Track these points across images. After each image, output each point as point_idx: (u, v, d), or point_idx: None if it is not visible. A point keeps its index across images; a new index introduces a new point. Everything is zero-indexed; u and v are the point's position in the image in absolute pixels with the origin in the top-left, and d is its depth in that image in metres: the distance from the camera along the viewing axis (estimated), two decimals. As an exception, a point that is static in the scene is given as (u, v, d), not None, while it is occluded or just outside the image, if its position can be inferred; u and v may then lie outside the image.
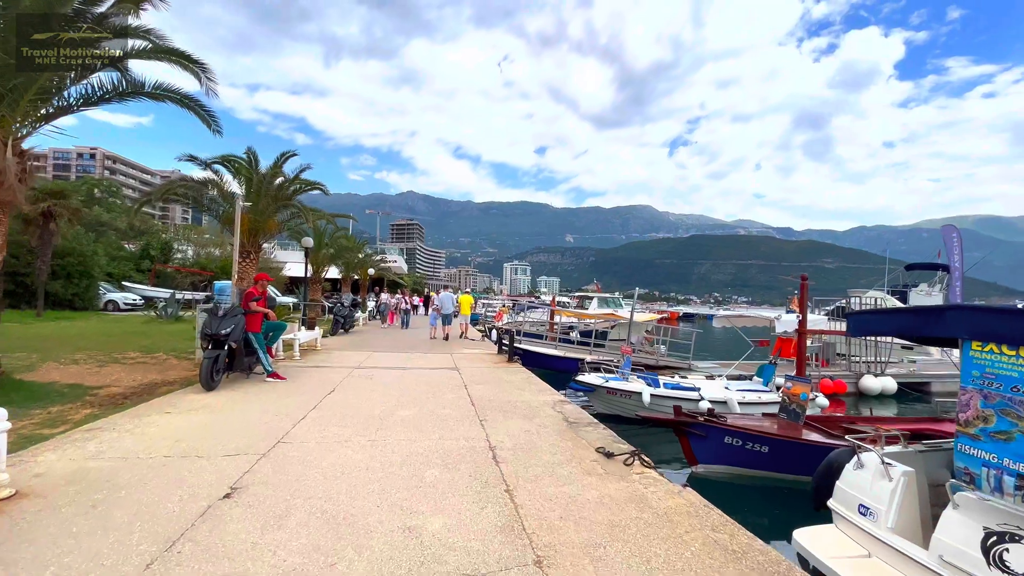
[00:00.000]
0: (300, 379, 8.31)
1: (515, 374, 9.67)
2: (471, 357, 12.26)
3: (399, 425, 5.53)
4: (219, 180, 14.06)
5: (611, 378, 9.48)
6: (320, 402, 6.56)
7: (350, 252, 30.25)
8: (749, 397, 9.12)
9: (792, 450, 6.06)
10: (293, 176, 14.74)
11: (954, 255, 19.00)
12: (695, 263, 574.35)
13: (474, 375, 9.39)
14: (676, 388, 9.20)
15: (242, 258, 14.59)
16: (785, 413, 6.97)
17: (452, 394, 7.42)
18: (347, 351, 12.69)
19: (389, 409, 6.29)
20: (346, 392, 7.31)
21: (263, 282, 8.19)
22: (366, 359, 11.19)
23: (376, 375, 9.00)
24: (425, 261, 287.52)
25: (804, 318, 7.54)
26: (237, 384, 7.57)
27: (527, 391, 7.92)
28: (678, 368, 13.21)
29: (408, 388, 7.80)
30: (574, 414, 6.35)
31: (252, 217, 14.35)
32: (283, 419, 5.61)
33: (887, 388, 12.47)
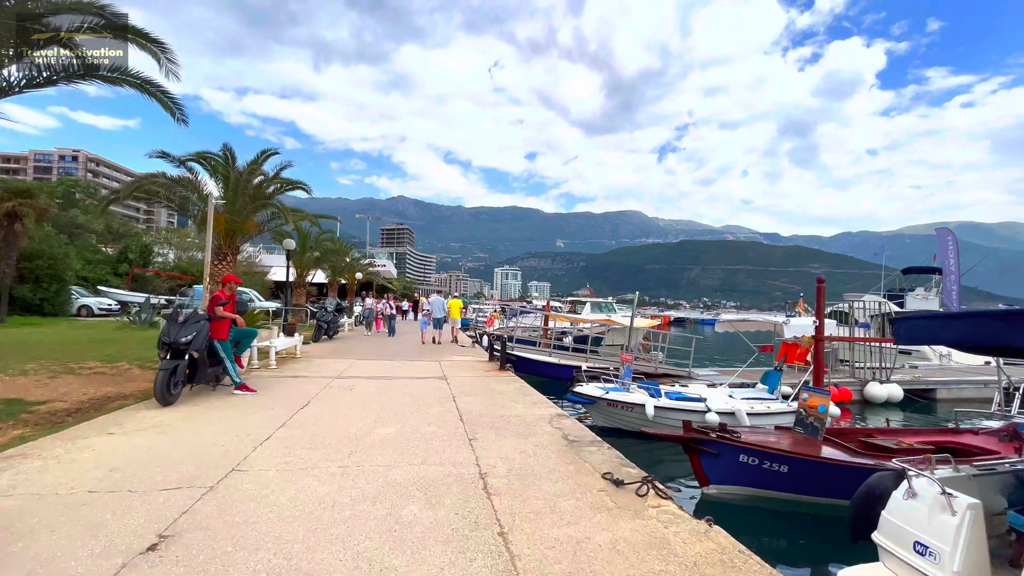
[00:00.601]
0: (272, 391, 7.58)
1: (508, 384, 9.02)
2: (461, 365, 11.59)
3: (377, 447, 4.85)
4: (194, 178, 13.30)
5: (611, 389, 8.87)
6: (290, 419, 5.86)
7: (336, 255, 29.46)
8: (758, 407, 8.56)
9: (814, 470, 5.49)
10: (273, 174, 14.02)
11: (949, 258, 18.77)
12: (684, 268, 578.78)
13: (463, 385, 8.72)
14: (681, 399, 8.61)
15: (218, 260, 13.82)
16: (802, 427, 6.41)
17: (439, 408, 6.75)
18: (329, 359, 11.95)
19: (367, 427, 5.61)
20: (321, 406, 6.61)
21: (231, 285, 7.46)
22: (348, 368, 10.47)
23: (357, 386, 8.29)
24: (415, 266, 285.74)
25: (821, 323, 7.01)
26: (200, 398, 6.83)
27: (521, 403, 7.28)
28: (677, 376, 12.65)
29: (391, 401, 7.12)
30: (574, 431, 5.72)
31: (229, 217, 13.58)
32: (244, 440, 4.90)
33: (893, 395, 12.03)
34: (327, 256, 26.22)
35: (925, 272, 21.11)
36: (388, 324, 18.22)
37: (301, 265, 23.05)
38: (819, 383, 7.14)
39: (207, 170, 13.68)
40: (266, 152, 13.78)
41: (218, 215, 13.65)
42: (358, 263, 35.87)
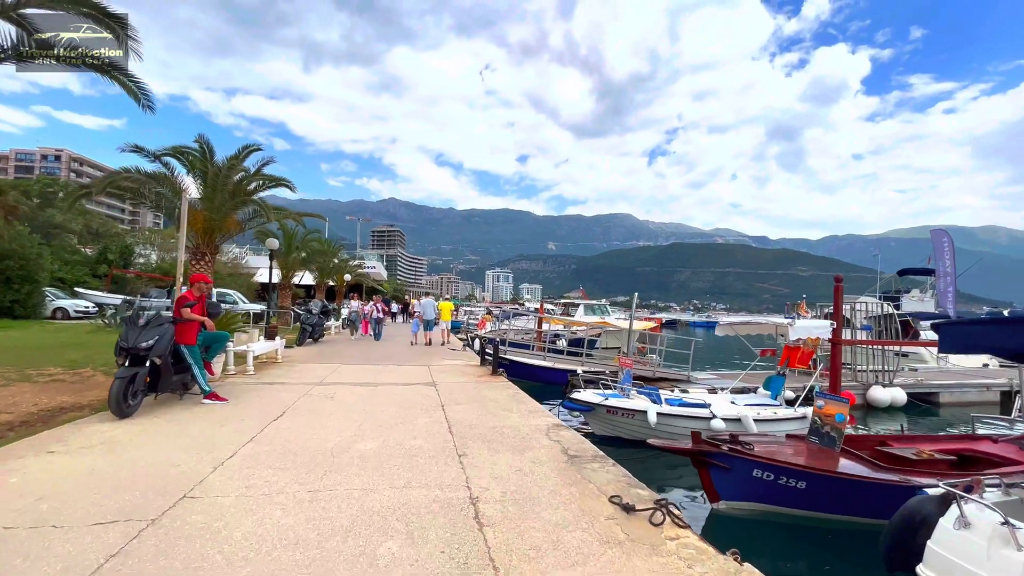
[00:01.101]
0: (246, 400, 7.00)
1: (500, 390, 8.51)
2: (451, 369, 11.05)
3: (354, 465, 4.31)
4: (170, 174, 12.64)
5: (610, 395, 8.40)
6: (260, 432, 5.29)
7: (323, 256, 28.74)
8: (765, 414, 8.14)
9: (835, 487, 5.05)
10: (255, 170, 13.38)
11: (945, 260, 18.61)
12: (675, 271, 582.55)
13: (453, 392, 8.20)
14: (684, 405, 8.17)
15: (195, 260, 13.16)
16: (817, 437, 5.98)
17: (426, 418, 6.22)
18: (312, 364, 11.35)
19: (346, 441, 5.06)
20: (297, 417, 6.04)
21: (200, 284, 6.86)
22: (331, 373, 9.89)
23: (339, 394, 7.73)
24: (407, 268, 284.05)
25: (839, 325, 6.61)
26: (163, 409, 6.23)
27: (515, 412, 6.77)
28: (676, 380, 12.22)
29: (375, 410, 6.57)
30: (574, 444, 5.22)
31: (207, 215, 12.93)
32: (203, 459, 4.34)
33: (896, 400, 11.71)
34: (314, 257, 25.48)
35: (921, 274, 20.97)
36: (374, 327, 17.35)
37: (286, 266, 22.34)
38: (836, 389, 6.73)
39: (184, 165, 13.03)
40: (247, 148, 13.16)
41: (196, 212, 13.01)
42: (347, 264, 35.14)
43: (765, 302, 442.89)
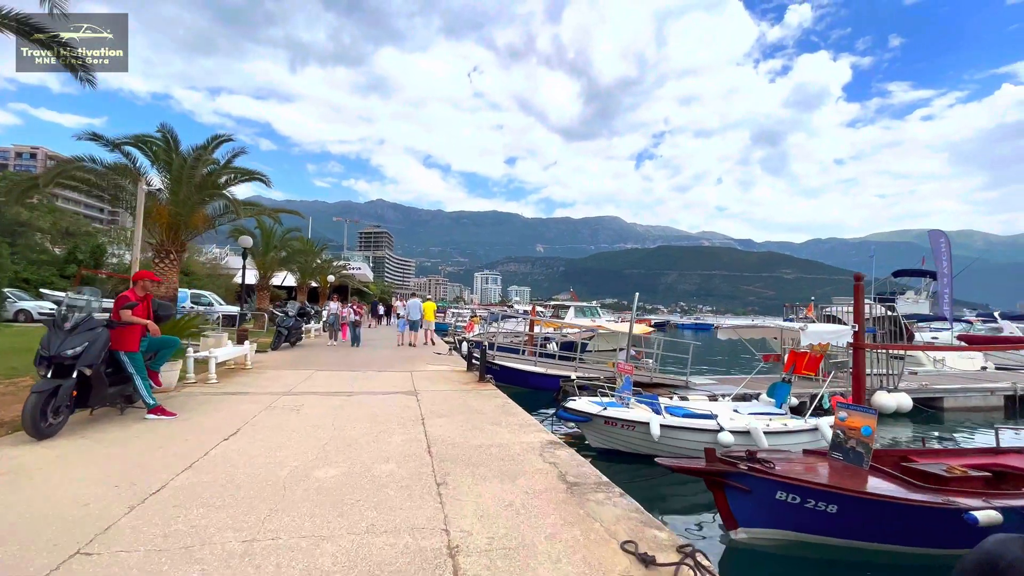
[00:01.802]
0: (198, 414, 6.16)
1: (488, 399, 7.77)
2: (435, 376, 10.28)
3: (309, 500, 3.55)
4: (131, 165, 11.69)
5: (608, 404, 7.70)
6: (204, 456, 4.49)
7: (305, 256, 27.72)
8: (774, 426, 7.52)
9: (871, 511, 4.41)
10: (224, 162, 12.48)
11: (943, 261, 18.34)
12: (662, 273, 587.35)
13: (436, 402, 7.43)
14: (689, 416, 7.51)
15: (159, 258, 12.23)
16: (840, 453, 5.36)
17: (402, 435, 5.45)
18: (284, 370, 10.49)
19: (305, 466, 4.29)
20: (253, 436, 5.24)
21: (145, 283, 6.00)
22: (303, 381, 9.05)
23: (307, 405, 6.92)
24: (394, 270, 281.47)
25: (861, 329, 6.00)
26: (96, 427, 5.38)
27: (504, 426, 6.04)
28: (673, 386, 11.59)
29: (345, 425, 5.79)
30: (573, 468, 4.51)
31: (172, 209, 12.02)
32: (122, 494, 3.54)
33: (903, 405, 11.21)
34: (294, 257, 24.44)
35: (916, 275, 20.76)
36: (353, 333, 15.95)
37: (264, 266, 21.33)
38: (860, 399, 6.12)
39: (148, 156, 12.08)
40: (217, 137, 12.26)
41: (160, 207, 12.09)
42: (330, 265, 34.09)
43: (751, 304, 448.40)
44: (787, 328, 9.87)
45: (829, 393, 9.09)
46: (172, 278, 12.22)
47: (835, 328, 8.90)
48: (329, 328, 16.16)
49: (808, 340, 7.93)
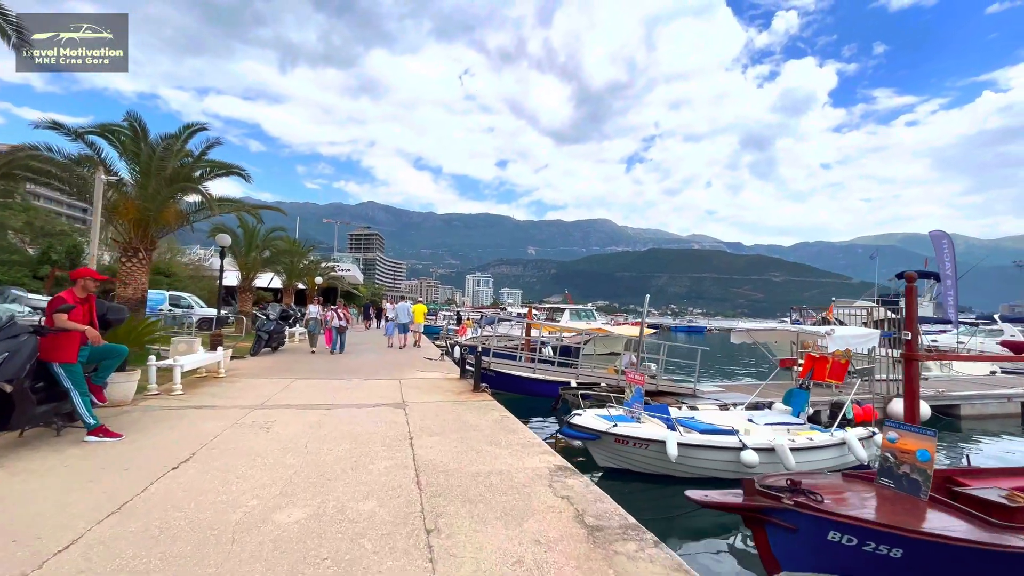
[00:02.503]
0: (150, 434, 5.32)
1: (484, 413, 7.00)
2: (426, 385, 9.49)
3: (262, 559, 2.76)
4: (96, 156, 10.78)
5: (618, 418, 6.95)
6: (141, 493, 3.67)
7: (291, 257, 26.73)
8: (800, 441, 6.84)
9: (947, 556, 3.72)
10: (198, 154, 11.59)
11: (946, 263, 17.94)
12: (653, 276, 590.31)
13: (427, 416, 6.65)
14: (708, 431, 6.79)
15: (127, 257, 11.30)
16: (891, 480, 4.67)
17: (387, 460, 4.67)
18: (261, 378, 9.63)
19: (264, 506, 3.49)
20: (208, 463, 4.42)
21: (86, 282, 5.15)
22: (280, 391, 8.22)
23: (280, 422, 6.10)
24: (385, 272, 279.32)
25: (915, 336, 5.33)
26: (19, 452, 4.53)
27: (505, 447, 5.28)
28: (680, 394, 10.91)
29: (320, 448, 4.99)
30: (591, 504, 3.76)
31: (141, 204, 11.11)
32: (15, 554, 2.72)
33: (921, 414, 10.59)
34: (279, 257, 23.44)
35: (922, 277, 20.39)
36: (336, 339, 14.27)
37: (246, 266, 20.34)
38: (914, 416, 5.45)
39: (115, 147, 11.16)
40: (190, 127, 11.37)
41: (128, 201, 11.17)
42: (318, 266, 33.07)
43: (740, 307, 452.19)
44: (806, 331, 9.22)
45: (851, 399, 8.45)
46: (141, 278, 11.30)
47: (864, 332, 8.30)
48: (309, 334, 14.83)
49: (835, 345, 7.29)
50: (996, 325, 23.48)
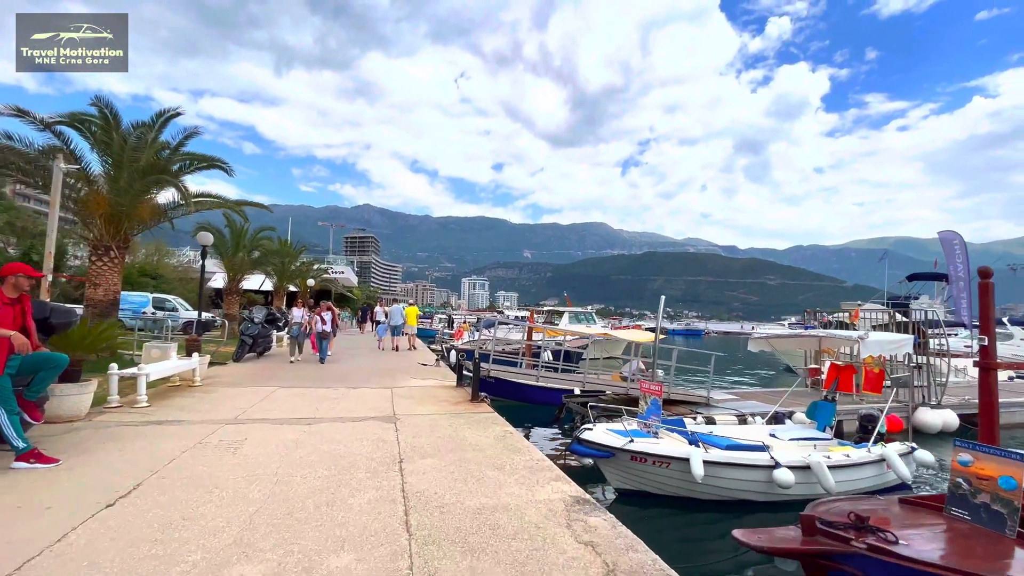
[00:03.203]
0: (93, 459, 4.54)
1: (485, 428, 6.26)
2: (419, 394, 8.72)
3: (188, 656, 2.01)
4: (66, 148, 10.00)
5: (635, 433, 6.20)
6: (58, 541, 2.91)
7: (281, 258, 25.89)
8: (836, 458, 6.13)
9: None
10: (175, 145, 10.83)
11: (957, 264, 17.32)
12: (648, 279, 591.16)
13: (420, 432, 5.90)
14: (735, 448, 6.07)
15: (97, 256, 10.51)
16: (967, 511, 3.98)
17: (371, 491, 3.92)
18: (240, 387, 8.85)
19: (208, 564, 2.73)
20: (153, 497, 3.66)
21: (17, 279, 4.37)
22: (259, 402, 7.44)
23: (252, 440, 5.33)
24: (381, 275, 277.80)
25: (992, 343, 4.65)
26: (-74, 484, 3.75)
27: (510, 472, 4.54)
28: (693, 403, 10.20)
29: (293, 474, 4.24)
30: (621, 552, 3.03)
31: (112, 198, 10.33)
32: None
33: (948, 423, 9.97)
34: (268, 258, 22.58)
35: (931, 278, 19.81)
36: (321, 346, 13.00)
37: (233, 267, 19.51)
38: (992, 436, 4.76)
39: (87, 138, 10.39)
40: (164, 113, 10.61)
41: (99, 196, 10.39)
42: (310, 268, 32.20)
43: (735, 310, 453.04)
44: (836, 337, 8.51)
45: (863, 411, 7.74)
46: (112, 279, 10.51)
47: (897, 337, 7.63)
48: (292, 341, 13.35)
49: (868, 351, 6.62)
50: (1006, 329, 22.99)
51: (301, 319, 13.18)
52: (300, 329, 13.13)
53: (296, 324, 13.13)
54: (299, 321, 13.13)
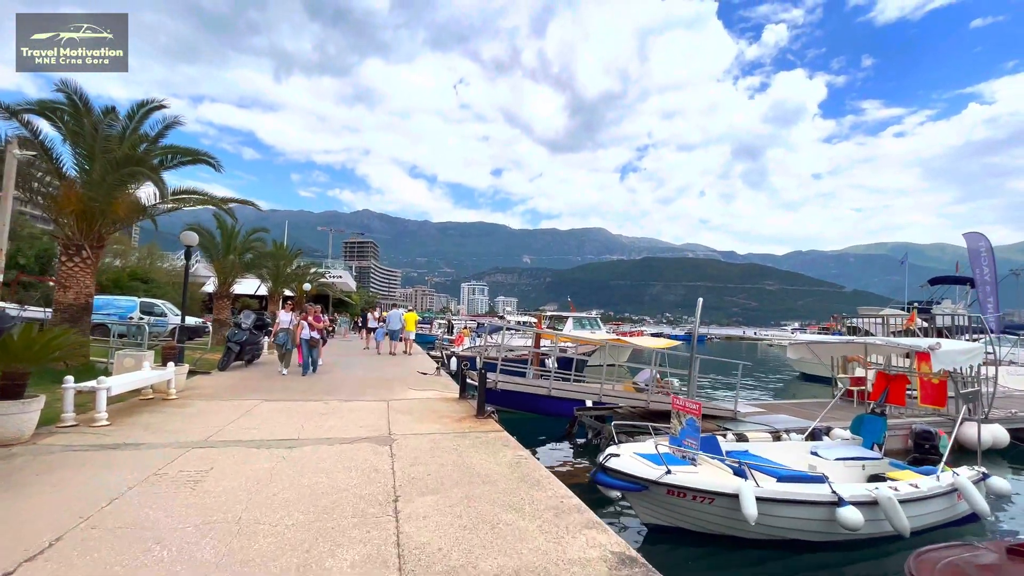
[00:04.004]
0: (16, 497, 3.68)
1: (494, 452, 5.39)
2: (419, 408, 7.85)
3: None
4: (34, 139, 9.18)
5: (671, 460, 5.28)
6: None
7: (276, 261, 25.01)
8: (904, 490, 5.26)
9: None
10: (155, 135, 10.02)
11: (984, 267, 16.58)
12: (647, 285, 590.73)
13: (419, 458, 5.03)
14: (790, 478, 5.19)
15: (67, 256, 9.65)
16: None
17: (357, 546, 3.06)
18: (220, 400, 7.98)
19: None
20: (70, 559, 2.79)
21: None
22: (238, 419, 6.58)
23: (217, 470, 4.46)
24: (380, 280, 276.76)
25: None
26: None
27: (531, 516, 3.67)
28: (719, 417, 9.33)
29: (259, 520, 3.38)
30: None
31: (85, 193, 9.50)
32: None
33: (998, 440, 9.09)
34: (261, 260, 21.70)
35: (954, 282, 19.05)
36: (307, 355, 11.14)
37: (223, 270, 18.65)
38: None
39: (59, 129, 9.57)
40: (145, 105, 9.79)
41: (70, 191, 9.55)
42: (306, 272, 31.33)
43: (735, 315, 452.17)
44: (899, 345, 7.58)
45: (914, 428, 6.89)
46: (85, 281, 9.65)
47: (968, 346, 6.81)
48: (279, 349, 11.39)
49: (941, 364, 5.79)
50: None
51: (289, 324, 11.32)
52: (288, 336, 11.26)
53: (283, 330, 11.28)
54: (286, 327, 11.29)
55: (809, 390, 21.60)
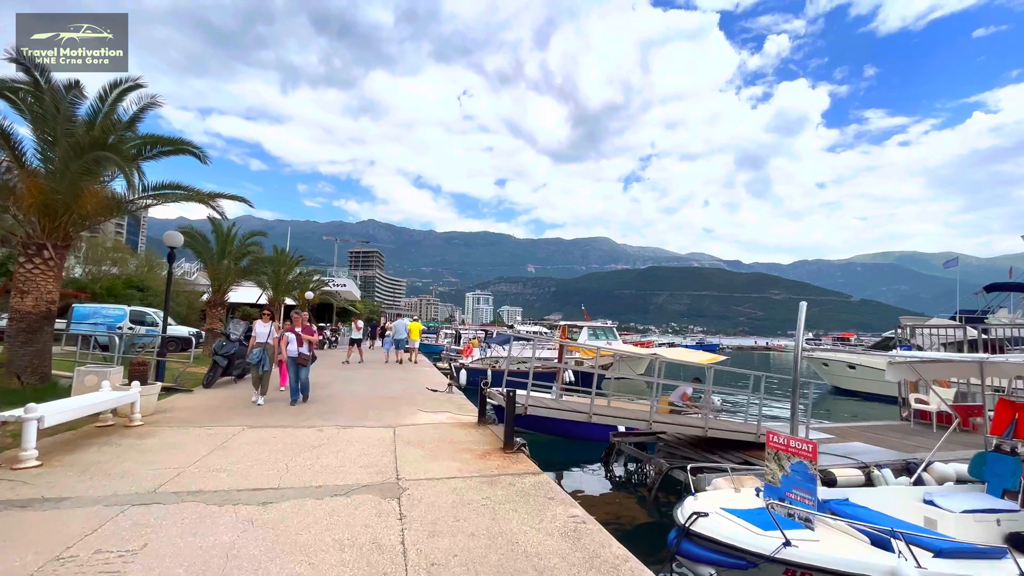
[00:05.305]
0: None
1: (539, 511, 4.00)
2: (432, 437, 6.45)
3: None
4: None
5: (786, 524, 3.85)
6: None
7: (276, 267, 23.79)
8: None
9: None
10: (129, 118, 8.79)
11: (1045, 273, 15.07)
12: (652, 294, 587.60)
13: (438, 526, 3.64)
14: (961, 552, 3.77)
15: (27, 257, 8.35)
16: None
17: None
18: (192, 427, 6.62)
19: None
20: None
21: None
22: (205, 456, 5.22)
23: (153, 545, 3.10)
24: (385, 289, 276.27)
25: None
26: None
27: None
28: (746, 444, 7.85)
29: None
30: None
31: (47, 183, 8.27)
32: None
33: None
34: (258, 266, 20.45)
35: (1012, 290, 17.57)
36: (294, 375, 8.58)
37: (218, 277, 17.42)
38: None
39: (20, 112, 8.37)
40: (119, 84, 8.57)
41: (31, 182, 8.31)
42: (309, 279, 30.10)
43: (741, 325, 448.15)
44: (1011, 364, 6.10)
45: None
46: (47, 286, 8.38)
47: None
48: (253, 371, 8.64)
49: None
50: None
51: (268, 339, 8.90)
52: (264, 353, 8.63)
53: (258, 345, 8.70)
54: (263, 341, 8.81)
55: (846, 406, 19.95)
